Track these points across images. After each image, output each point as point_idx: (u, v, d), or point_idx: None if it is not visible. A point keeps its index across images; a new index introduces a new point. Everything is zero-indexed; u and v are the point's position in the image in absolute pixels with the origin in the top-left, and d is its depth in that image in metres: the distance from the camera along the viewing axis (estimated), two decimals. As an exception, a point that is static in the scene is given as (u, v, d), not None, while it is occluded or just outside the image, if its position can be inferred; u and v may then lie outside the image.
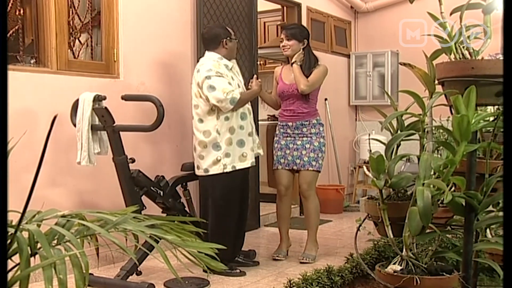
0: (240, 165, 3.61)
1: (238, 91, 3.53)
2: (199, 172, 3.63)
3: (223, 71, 3.56)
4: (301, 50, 3.97)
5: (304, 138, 3.96)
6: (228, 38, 3.67)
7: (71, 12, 3.76)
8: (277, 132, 4.08)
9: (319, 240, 4.49)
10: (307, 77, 3.92)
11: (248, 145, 3.67)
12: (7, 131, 1.02)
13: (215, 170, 3.55)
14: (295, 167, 3.97)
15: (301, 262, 3.90)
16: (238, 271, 3.59)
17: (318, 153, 3.95)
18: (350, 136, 6.90)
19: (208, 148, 3.54)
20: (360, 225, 2.65)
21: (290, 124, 3.99)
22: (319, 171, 3.99)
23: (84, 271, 1.17)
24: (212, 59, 3.60)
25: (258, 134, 3.99)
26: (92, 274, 3.25)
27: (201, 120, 3.56)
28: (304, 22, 5.95)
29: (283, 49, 4.00)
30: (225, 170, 3.55)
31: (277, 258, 3.98)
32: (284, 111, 4.03)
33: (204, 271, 3.39)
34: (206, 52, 3.70)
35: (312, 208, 4.02)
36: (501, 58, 2.23)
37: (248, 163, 3.65)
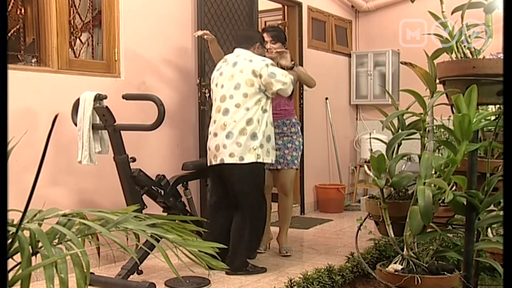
0: (266, 159, 3.66)
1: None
2: (232, 160, 3.57)
3: None
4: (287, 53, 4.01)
5: (285, 138, 4.07)
6: (261, 44, 3.81)
7: (72, 11, 3.76)
8: None
9: (320, 239, 4.49)
10: None
11: (272, 142, 3.71)
12: (7, 130, 1.02)
13: (250, 158, 3.56)
14: (278, 167, 4.04)
15: (283, 256, 4.02)
16: (260, 267, 3.68)
17: (298, 152, 4.09)
18: (351, 136, 6.89)
19: (247, 136, 3.55)
20: (361, 224, 2.65)
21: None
22: (298, 169, 4.19)
23: (85, 270, 1.17)
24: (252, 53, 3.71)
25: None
26: (93, 273, 3.25)
27: (247, 109, 3.56)
28: (305, 22, 5.95)
29: (269, 52, 3.98)
30: (258, 160, 3.59)
31: (257, 251, 4.04)
32: None
33: (227, 272, 3.49)
34: (241, 49, 3.74)
35: (291, 205, 4.19)
36: (502, 57, 2.23)
37: (269, 159, 3.69)
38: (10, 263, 1.18)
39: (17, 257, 1.17)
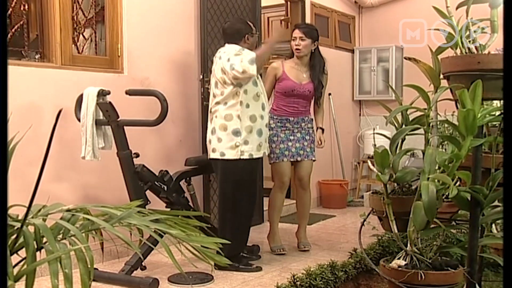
0: (256, 154, 3.61)
1: (251, 52, 3.48)
2: (214, 155, 3.56)
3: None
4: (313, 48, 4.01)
5: (303, 131, 4.08)
6: (250, 33, 3.68)
7: (75, 7, 3.76)
8: (273, 125, 4.01)
9: (323, 235, 4.49)
10: (320, 82, 4.10)
11: (265, 135, 3.68)
12: (7, 124, 1.02)
13: (231, 155, 3.52)
14: (298, 158, 4.03)
15: (302, 251, 4.04)
16: (254, 266, 3.62)
17: (313, 144, 4.12)
18: (354, 131, 6.88)
19: (228, 131, 3.52)
20: (364, 220, 2.65)
21: (291, 119, 4.05)
22: (315, 161, 4.16)
23: (89, 266, 1.17)
24: (234, 49, 3.57)
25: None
26: (96, 268, 3.25)
27: (225, 103, 3.53)
28: (308, 17, 5.93)
29: (297, 50, 3.97)
30: (241, 157, 3.53)
31: (280, 252, 3.99)
32: (286, 107, 4.03)
33: (217, 267, 3.44)
34: (227, 44, 3.67)
35: (310, 199, 4.17)
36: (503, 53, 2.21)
37: (260, 153, 3.66)
38: (15, 258, 1.19)
39: (22, 253, 1.18)
